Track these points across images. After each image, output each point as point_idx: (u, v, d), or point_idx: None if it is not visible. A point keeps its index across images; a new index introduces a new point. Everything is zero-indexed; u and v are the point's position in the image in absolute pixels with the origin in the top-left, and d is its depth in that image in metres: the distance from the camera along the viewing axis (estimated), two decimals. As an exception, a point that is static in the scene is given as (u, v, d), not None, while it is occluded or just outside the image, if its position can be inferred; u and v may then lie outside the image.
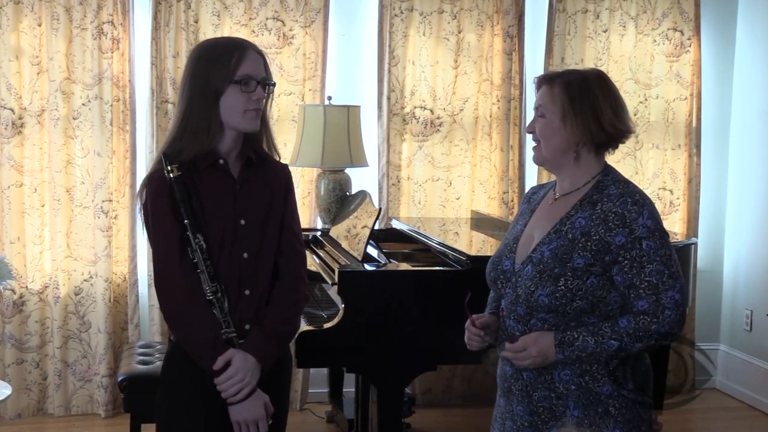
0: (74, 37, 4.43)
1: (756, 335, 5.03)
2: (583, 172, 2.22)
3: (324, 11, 4.64)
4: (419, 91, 4.79)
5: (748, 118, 5.12)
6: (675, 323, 2.10)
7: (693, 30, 5.04)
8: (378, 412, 3.25)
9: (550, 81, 2.22)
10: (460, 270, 3.31)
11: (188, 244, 2.23)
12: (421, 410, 4.63)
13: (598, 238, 2.11)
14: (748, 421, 4.82)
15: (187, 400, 2.30)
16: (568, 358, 2.12)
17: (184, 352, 2.27)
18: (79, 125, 4.48)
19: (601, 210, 2.14)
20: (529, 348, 2.14)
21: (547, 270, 2.14)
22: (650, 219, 2.11)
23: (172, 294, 2.26)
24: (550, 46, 4.91)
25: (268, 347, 2.29)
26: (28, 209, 4.49)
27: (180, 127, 2.26)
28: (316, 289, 3.91)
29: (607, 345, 2.10)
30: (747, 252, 5.13)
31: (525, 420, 2.23)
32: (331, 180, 4.31)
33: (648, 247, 2.09)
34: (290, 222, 2.39)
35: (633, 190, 2.17)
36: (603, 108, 2.17)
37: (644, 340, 2.09)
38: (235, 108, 2.25)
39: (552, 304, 2.13)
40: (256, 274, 2.31)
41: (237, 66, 2.24)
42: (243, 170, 2.33)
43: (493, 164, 4.88)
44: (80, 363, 4.59)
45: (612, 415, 2.15)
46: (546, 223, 2.23)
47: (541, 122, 2.22)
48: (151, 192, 2.27)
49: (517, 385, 2.23)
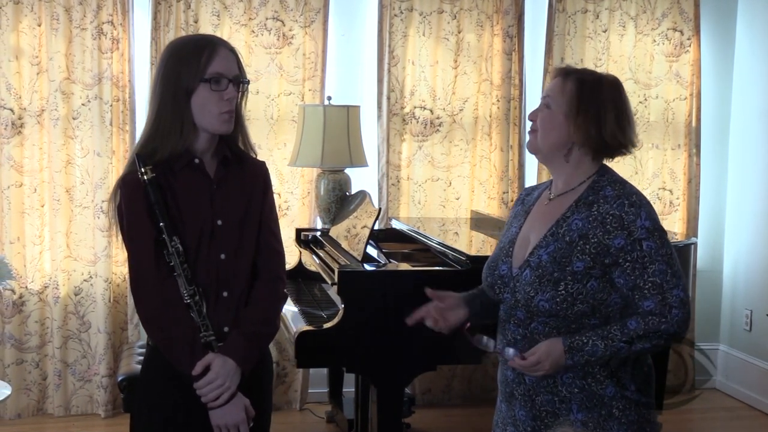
0: (74, 37, 4.43)
1: (756, 335, 5.03)
2: (578, 172, 2.20)
3: (324, 11, 4.64)
4: (419, 91, 4.79)
5: (748, 117, 5.13)
6: (683, 321, 2.08)
7: (693, 30, 5.04)
8: (378, 412, 3.25)
9: (565, 74, 2.19)
10: (460, 270, 3.31)
11: (164, 247, 2.20)
12: (421, 410, 4.63)
13: (597, 241, 2.09)
14: (747, 421, 4.82)
15: (167, 404, 2.27)
16: (578, 363, 2.09)
17: (163, 357, 2.24)
18: (78, 125, 4.48)
19: (598, 212, 2.12)
20: (543, 361, 2.10)
21: (546, 274, 2.12)
22: (648, 220, 2.09)
23: (148, 298, 2.22)
24: (550, 46, 4.91)
25: (248, 350, 2.25)
26: (27, 209, 4.49)
27: (152, 127, 2.22)
28: (315, 289, 3.91)
29: (617, 348, 2.07)
30: (747, 252, 5.13)
31: (528, 425, 2.20)
32: (331, 180, 4.31)
33: (649, 248, 2.07)
34: (268, 221, 2.35)
35: (629, 191, 2.14)
36: (607, 116, 2.14)
37: (654, 341, 2.07)
38: (207, 108, 2.20)
39: (552, 309, 2.11)
40: (235, 275, 2.27)
41: (207, 64, 2.18)
42: (219, 169, 2.28)
43: (493, 164, 4.88)
44: (80, 363, 4.59)
45: (616, 417, 2.13)
46: (541, 225, 2.20)
47: (544, 113, 2.19)
48: (126, 194, 2.22)
49: (519, 389, 2.21)
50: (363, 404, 3.88)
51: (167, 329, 2.21)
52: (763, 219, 4.98)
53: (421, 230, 4.09)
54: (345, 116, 4.24)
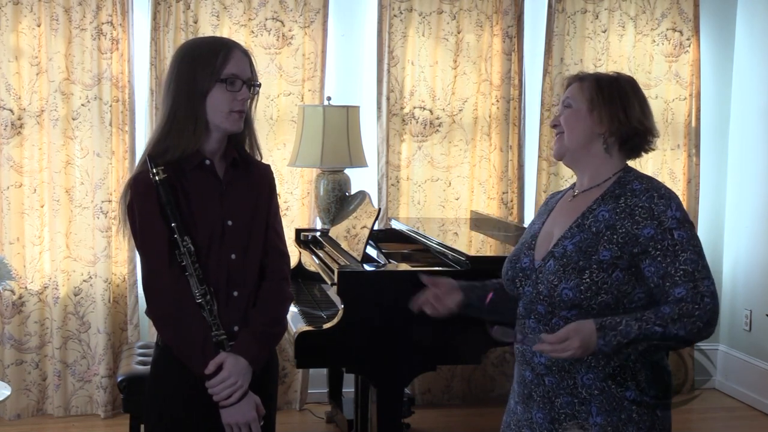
0: (73, 37, 4.43)
1: (755, 335, 5.03)
2: (604, 169, 2.18)
3: (323, 11, 4.65)
4: (418, 92, 4.80)
5: (747, 118, 5.13)
6: (714, 312, 2.04)
7: (692, 30, 5.04)
8: (377, 412, 3.25)
9: (581, 79, 2.21)
10: (460, 270, 3.31)
11: (176, 247, 2.21)
12: (421, 410, 4.63)
13: (625, 231, 2.07)
14: (747, 421, 4.82)
15: (177, 403, 2.28)
16: (609, 343, 2.00)
17: (172, 356, 2.25)
18: (78, 126, 4.48)
19: (626, 204, 2.10)
20: (572, 338, 1.99)
21: (571, 263, 2.08)
22: (678, 211, 2.08)
23: (161, 297, 2.24)
24: (550, 47, 4.91)
25: (259, 349, 2.28)
26: (27, 210, 4.49)
27: (165, 127, 2.24)
28: (315, 290, 3.91)
29: (651, 331, 1.99)
30: (746, 252, 5.13)
31: (545, 428, 2.16)
32: (331, 180, 4.31)
33: (680, 237, 2.06)
34: (274, 223, 2.39)
35: (658, 185, 2.13)
36: (632, 102, 2.15)
37: (688, 327, 2.01)
38: (220, 108, 2.23)
39: (576, 298, 2.07)
40: (244, 275, 2.30)
41: (223, 65, 2.22)
42: (228, 171, 2.31)
43: (493, 164, 4.88)
44: (80, 363, 4.59)
45: (635, 422, 2.09)
46: (566, 220, 2.19)
47: (567, 112, 2.19)
48: (138, 194, 2.23)
49: (538, 391, 2.16)
50: (363, 404, 3.88)
51: (180, 329, 2.23)
52: (763, 219, 4.98)
53: (421, 230, 4.09)
54: (344, 116, 4.24)
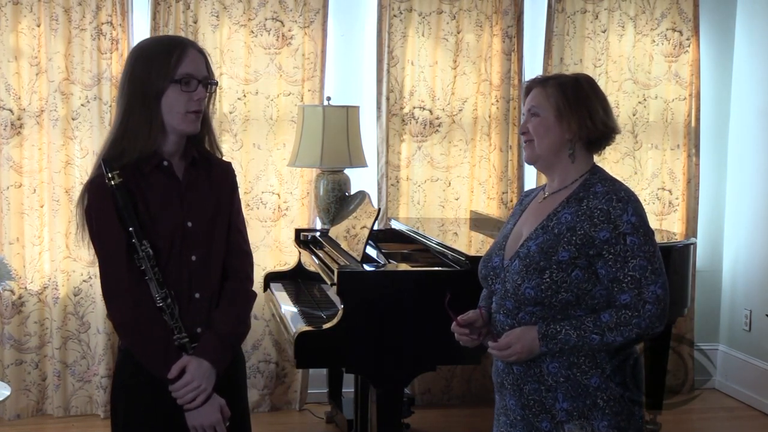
0: (73, 37, 4.43)
1: (755, 335, 5.03)
2: (572, 171, 2.29)
3: (323, 12, 4.65)
4: (418, 92, 4.80)
5: (747, 118, 5.13)
6: (656, 318, 2.15)
7: (692, 30, 5.04)
8: (377, 412, 3.25)
9: (542, 83, 2.30)
10: (459, 270, 3.32)
11: (134, 252, 2.18)
12: (421, 410, 4.63)
13: (583, 233, 2.17)
14: (747, 421, 4.82)
15: (142, 408, 2.26)
16: (552, 350, 2.18)
17: (135, 360, 2.23)
18: (78, 126, 4.48)
19: (587, 207, 2.20)
20: (514, 345, 2.20)
21: (533, 263, 2.20)
22: (634, 216, 2.17)
23: (121, 303, 2.21)
24: (549, 47, 4.91)
25: (222, 350, 2.26)
26: (27, 210, 4.49)
27: (120, 128, 2.21)
28: (315, 290, 3.92)
29: (588, 339, 2.15)
30: (746, 252, 5.13)
31: (517, 414, 2.28)
32: (330, 180, 4.31)
33: (632, 243, 2.15)
34: (237, 222, 2.36)
35: (618, 188, 2.23)
36: (595, 106, 2.26)
37: (625, 334, 2.14)
38: (176, 109, 2.20)
39: (538, 297, 2.19)
40: (206, 276, 2.28)
41: (177, 65, 2.18)
42: (188, 171, 2.28)
43: (492, 164, 4.88)
44: (79, 364, 4.59)
45: (600, 407, 2.19)
46: (534, 220, 2.30)
47: (534, 121, 2.29)
48: (95, 199, 2.20)
49: (508, 379, 2.29)
50: (362, 404, 3.87)
51: (141, 334, 2.20)
52: (763, 219, 4.98)
53: (421, 230, 4.09)
54: (344, 117, 4.24)
